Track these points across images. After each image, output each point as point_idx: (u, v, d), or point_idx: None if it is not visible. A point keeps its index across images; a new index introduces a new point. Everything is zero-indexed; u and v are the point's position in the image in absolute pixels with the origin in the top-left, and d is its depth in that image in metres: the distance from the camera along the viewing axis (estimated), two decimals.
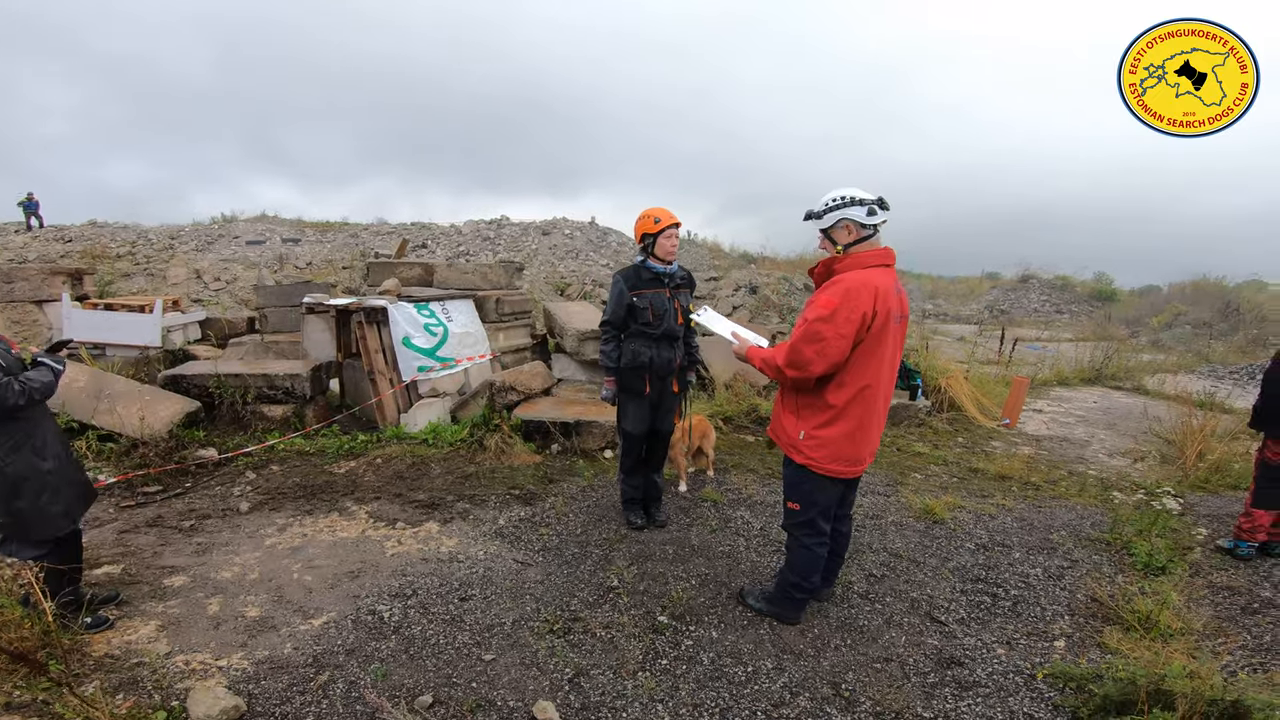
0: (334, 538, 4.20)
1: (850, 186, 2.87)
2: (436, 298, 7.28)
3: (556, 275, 11.03)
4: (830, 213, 2.86)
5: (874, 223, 2.82)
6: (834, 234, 2.90)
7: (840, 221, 2.85)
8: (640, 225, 3.98)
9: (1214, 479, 5.92)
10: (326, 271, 11.58)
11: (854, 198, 2.81)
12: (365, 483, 5.14)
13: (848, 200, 2.82)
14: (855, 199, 2.81)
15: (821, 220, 2.91)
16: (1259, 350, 14.37)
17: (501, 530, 4.30)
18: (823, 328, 2.75)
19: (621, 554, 3.97)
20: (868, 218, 2.81)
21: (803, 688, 2.90)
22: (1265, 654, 3.25)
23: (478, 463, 5.57)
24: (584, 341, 7.20)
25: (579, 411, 6.20)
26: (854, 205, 2.81)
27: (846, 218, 2.83)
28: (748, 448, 6.26)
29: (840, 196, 2.85)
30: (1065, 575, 4.05)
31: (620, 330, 4.06)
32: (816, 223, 2.95)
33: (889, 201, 2.85)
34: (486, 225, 14.95)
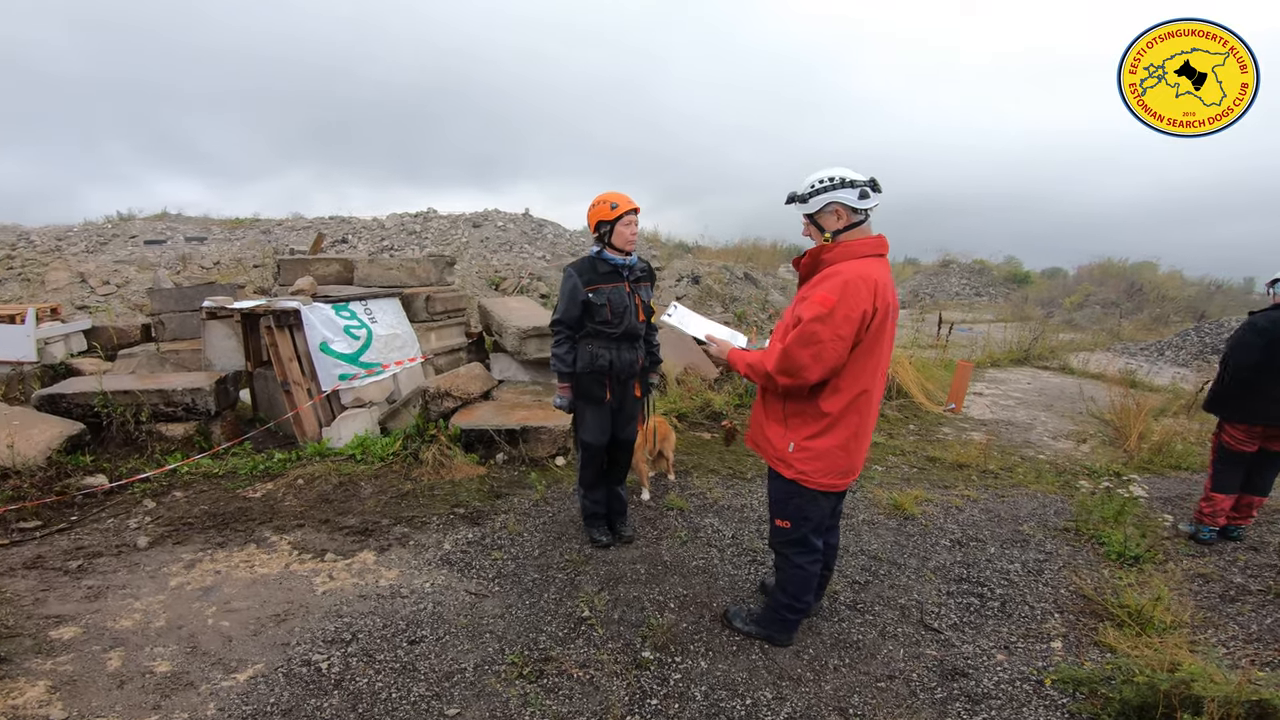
0: (253, 574, 3.64)
1: (838, 166, 2.55)
2: (358, 296, 6.64)
3: (490, 269, 10.46)
4: (817, 195, 2.53)
5: (866, 207, 2.51)
6: (821, 219, 2.58)
7: (829, 205, 2.53)
8: (595, 212, 3.58)
9: (1157, 460, 6.04)
10: (236, 271, 10.58)
11: (844, 179, 2.49)
12: (286, 508, 4.55)
13: (837, 181, 2.50)
14: (846, 180, 2.49)
15: (807, 204, 2.58)
16: (1162, 328, 15.31)
17: (448, 557, 3.83)
18: (819, 329, 2.43)
19: (589, 577, 3.58)
20: (859, 201, 2.49)
21: (808, 717, 2.61)
22: (1258, 643, 3.19)
23: (414, 479, 5.04)
24: (526, 340, 6.73)
25: (524, 416, 5.75)
26: (844, 187, 2.48)
27: (836, 201, 2.50)
28: (705, 446, 5.97)
29: (828, 177, 2.51)
30: (1044, 570, 3.94)
31: (574, 330, 3.65)
32: (800, 207, 2.62)
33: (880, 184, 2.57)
34: (412, 218, 14.12)
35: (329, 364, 6.05)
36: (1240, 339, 4.03)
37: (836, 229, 2.56)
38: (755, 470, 5.38)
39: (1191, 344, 12.07)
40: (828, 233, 2.57)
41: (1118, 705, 2.60)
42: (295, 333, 6.03)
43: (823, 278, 2.54)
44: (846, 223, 2.54)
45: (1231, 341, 4.11)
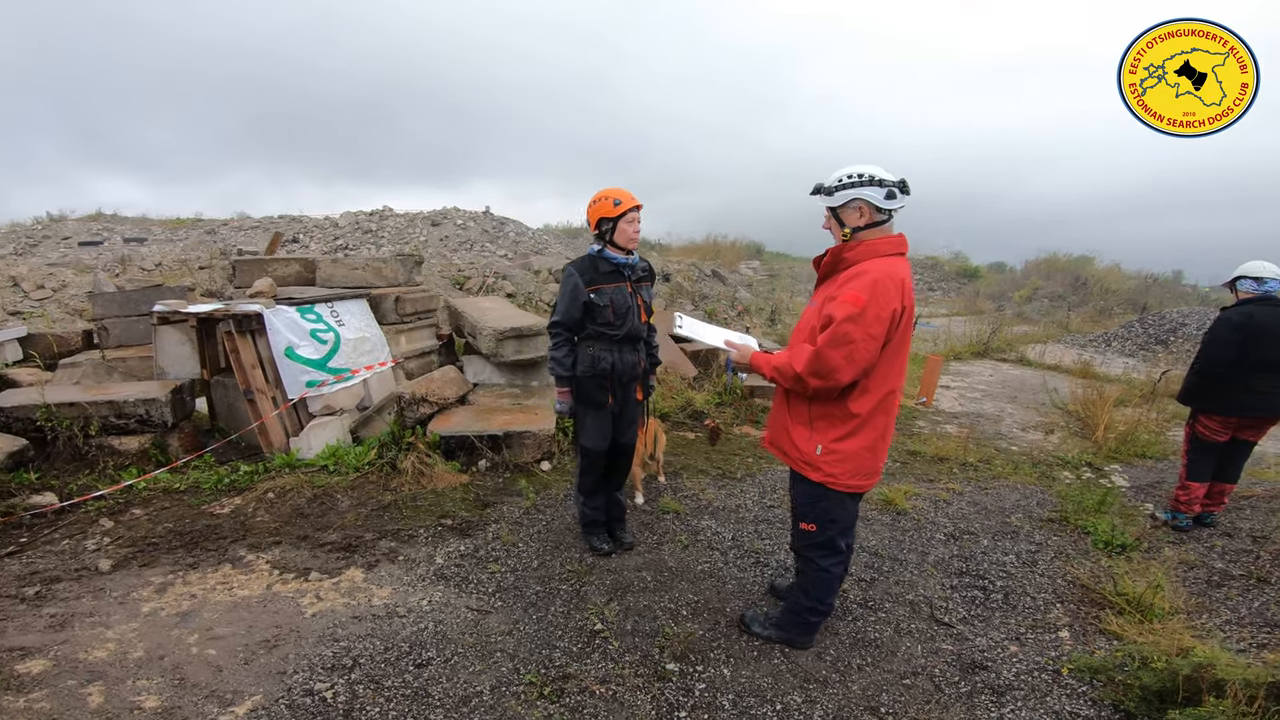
0: (233, 597, 3.40)
1: (870, 164, 2.52)
2: (323, 298, 6.34)
3: (453, 268, 10.17)
4: (843, 190, 2.50)
5: (892, 207, 2.49)
6: (844, 214, 2.55)
7: (853, 201, 2.50)
8: (596, 209, 3.46)
9: (1124, 449, 6.23)
10: (180, 273, 10.00)
11: (872, 176, 2.47)
12: (259, 524, 4.28)
13: (865, 179, 2.47)
14: (874, 178, 2.47)
15: (832, 197, 2.54)
16: (1107, 319, 15.96)
17: (442, 571, 3.66)
18: (851, 329, 2.38)
19: (594, 588, 3.46)
20: (885, 201, 2.47)
21: (841, 718, 2.56)
22: (1250, 627, 3.29)
23: (394, 489, 4.82)
24: (503, 341, 6.53)
25: (506, 421, 5.57)
26: (871, 185, 2.47)
27: (861, 198, 2.48)
28: (690, 446, 5.90)
29: (857, 174, 2.49)
30: (1038, 561, 3.99)
31: (574, 332, 3.52)
32: (825, 200, 2.58)
33: (909, 185, 2.53)
34: (367, 217, 13.61)
35: (295, 370, 5.75)
36: (1216, 335, 4.14)
37: (857, 225, 2.53)
38: (744, 470, 5.34)
39: (1136, 335, 12.62)
40: (847, 228, 2.55)
41: (1138, 691, 2.63)
42: (257, 338, 5.71)
43: (849, 276, 2.49)
44: (869, 220, 2.51)
45: (1207, 337, 4.21)
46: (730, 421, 6.42)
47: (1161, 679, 2.60)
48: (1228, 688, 2.40)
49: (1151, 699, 2.59)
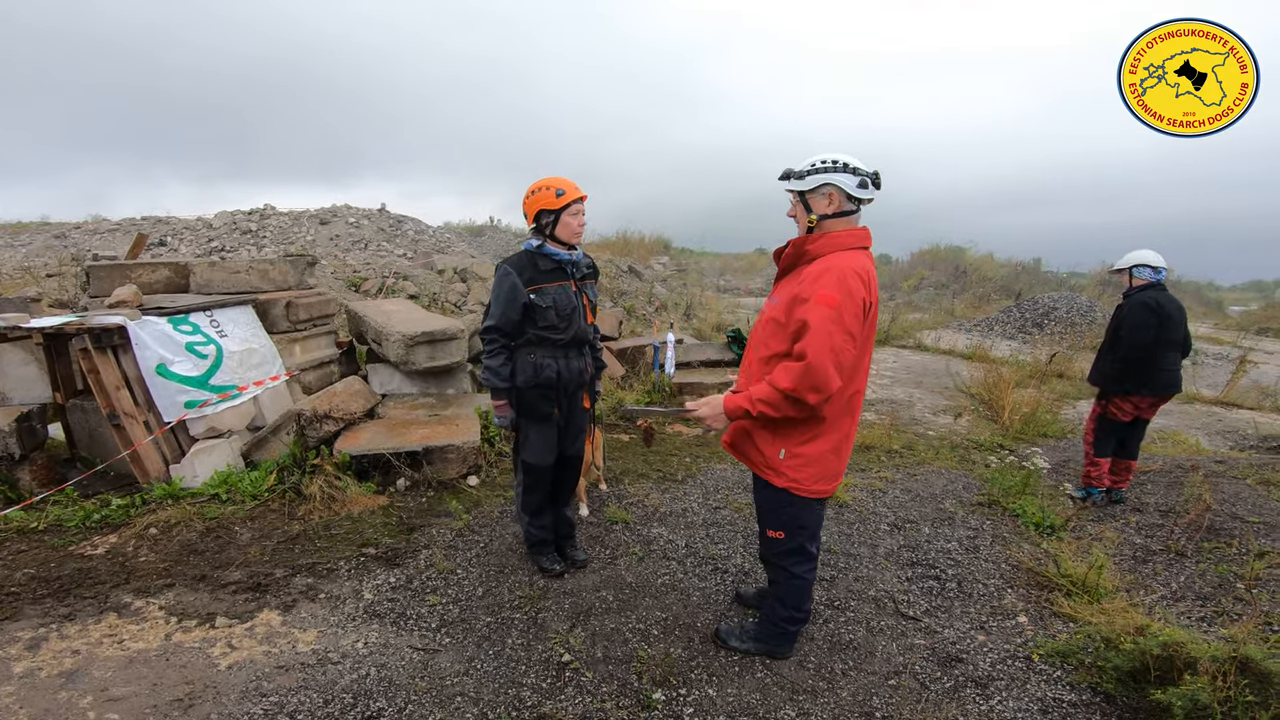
0: (125, 651, 2.86)
1: (843, 153, 2.42)
2: (200, 306, 5.60)
3: (347, 269, 9.38)
4: (815, 174, 2.39)
5: (863, 197, 2.40)
6: (812, 200, 2.43)
7: (824, 186, 2.39)
8: (535, 200, 3.15)
9: (1028, 430, 6.60)
10: (22, 282, 8.59)
11: (846, 163, 2.37)
12: (143, 564, 3.68)
13: (839, 165, 2.37)
14: (848, 165, 2.37)
15: (803, 181, 2.42)
16: (986, 305, 17.21)
17: (373, 608, 3.24)
18: (833, 330, 2.24)
19: (553, 614, 3.17)
20: (858, 189, 2.37)
21: None
22: (1185, 600, 3.45)
23: (302, 518, 4.30)
24: (414, 347, 6.04)
25: (425, 435, 5.13)
26: (845, 171, 2.36)
27: (832, 183, 2.37)
28: (625, 448, 5.68)
29: (831, 159, 2.38)
30: (979, 546, 4.07)
31: (511, 338, 3.19)
32: (795, 184, 2.45)
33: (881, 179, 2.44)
34: (246, 216, 12.32)
35: (171, 390, 5.03)
36: (1136, 319, 4.36)
37: (825, 213, 2.42)
38: (684, 471, 5.19)
39: (1015, 319, 13.65)
40: (814, 214, 2.43)
41: (1112, 673, 2.67)
42: (121, 354, 4.95)
43: (815, 273, 2.35)
44: (837, 209, 2.41)
45: (1127, 323, 4.43)
46: (662, 421, 6.26)
47: (1132, 659, 2.65)
48: (1199, 665, 2.47)
49: (1126, 680, 2.64)
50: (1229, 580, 3.54)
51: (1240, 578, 3.55)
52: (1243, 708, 2.27)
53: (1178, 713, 2.29)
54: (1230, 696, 2.31)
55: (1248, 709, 2.27)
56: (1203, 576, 3.62)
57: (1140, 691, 2.55)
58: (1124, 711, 2.53)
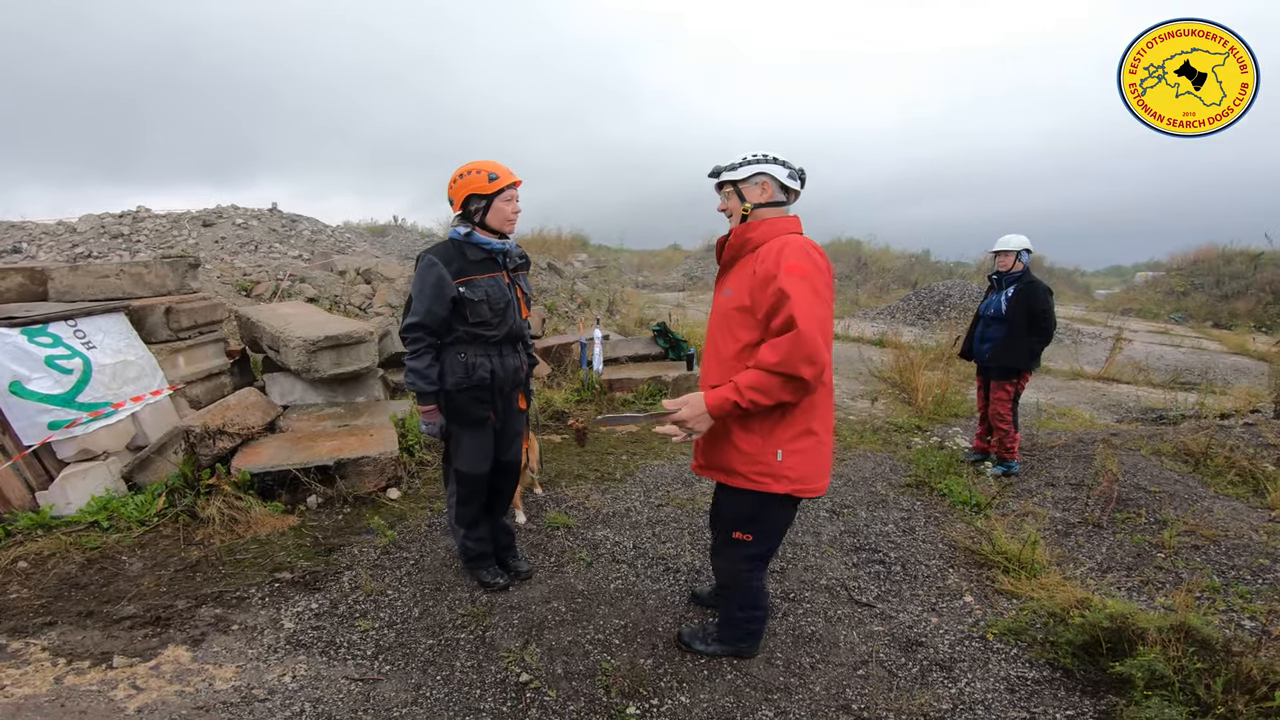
0: (10, 698, 2.42)
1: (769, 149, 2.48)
2: (61, 315, 4.90)
3: (235, 272, 8.58)
4: (748, 165, 2.41)
5: (794, 187, 2.46)
6: (745, 189, 2.43)
7: (757, 176, 2.41)
8: (464, 184, 2.89)
9: (941, 411, 6.89)
10: None
11: (777, 157, 2.43)
12: (16, 602, 3.15)
13: (770, 158, 2.42)
14: (778, 159, 2.43)
15: (736, 171, 2.42)
16: (886, 295, 18.08)
17: (297, 637, 2.90)
18: (811, 296, 2.15)
19: (502, 631, 2.93)
20: (789, 180, 2.43)
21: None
22: (1113, 571, 3.60)
23: (200, 543, 3.84)
24: (317, 354, 5.55)
25: (335, 447, 4.71)
26: (777, 164, 2.41)
27: (766, 174, 2.41)
28: (559, 449, 5.46)
29: (762, 153, 2.43)
30: (915, 528, 4.16)
31: (438, 336, 2.93)
32: (728, 174, 2.45)
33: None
34: (116, 219, 10.96)
35: (30, 410, 4.38)
36: (1048, 303, 4.74)
37: (759, 201, 2.42)
38: (622, 469, 5.03)
39: (914, 306, 14.38)
40: (749, 203, 2.42)
41: (1066, 647, 2.74)
42: None
43: (775, 249, 2.26)
44: (770, 198, 2.43)
45: (1042, 305, 4.72)
46: (594, 418, 6.09)
47: (1083, 633, 2.73)
48: (1148, 635, 2.56)
49: (1079, 653, 2.71)
50: (1146, 550, 3.74)
51: (1157, 548, 3.75)
52: (1196, 675, 2.36)
53: (1138, 683, 2.36)
54: (1183, 665, 2.40)
55: (1200, 675, 2.36)
56: (1121, 547, 3.81)
57: (1095, 664, 2.63)
58: (1085, 685, 2.59)
